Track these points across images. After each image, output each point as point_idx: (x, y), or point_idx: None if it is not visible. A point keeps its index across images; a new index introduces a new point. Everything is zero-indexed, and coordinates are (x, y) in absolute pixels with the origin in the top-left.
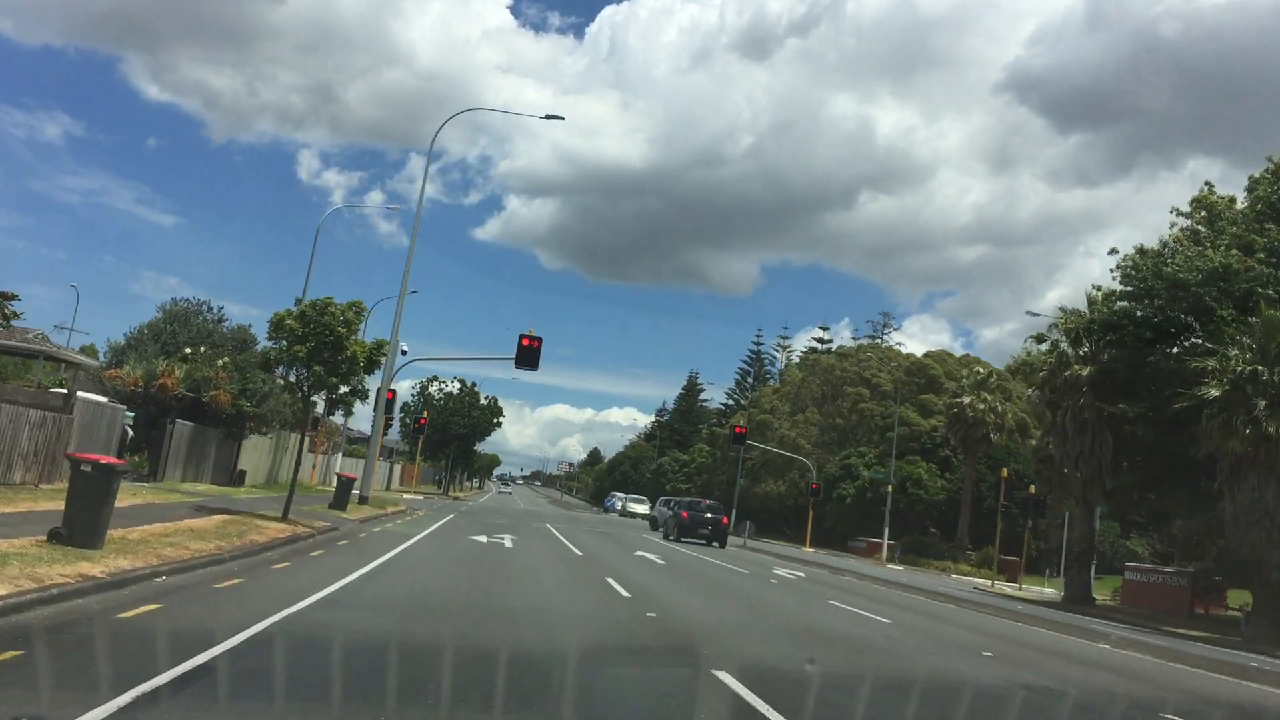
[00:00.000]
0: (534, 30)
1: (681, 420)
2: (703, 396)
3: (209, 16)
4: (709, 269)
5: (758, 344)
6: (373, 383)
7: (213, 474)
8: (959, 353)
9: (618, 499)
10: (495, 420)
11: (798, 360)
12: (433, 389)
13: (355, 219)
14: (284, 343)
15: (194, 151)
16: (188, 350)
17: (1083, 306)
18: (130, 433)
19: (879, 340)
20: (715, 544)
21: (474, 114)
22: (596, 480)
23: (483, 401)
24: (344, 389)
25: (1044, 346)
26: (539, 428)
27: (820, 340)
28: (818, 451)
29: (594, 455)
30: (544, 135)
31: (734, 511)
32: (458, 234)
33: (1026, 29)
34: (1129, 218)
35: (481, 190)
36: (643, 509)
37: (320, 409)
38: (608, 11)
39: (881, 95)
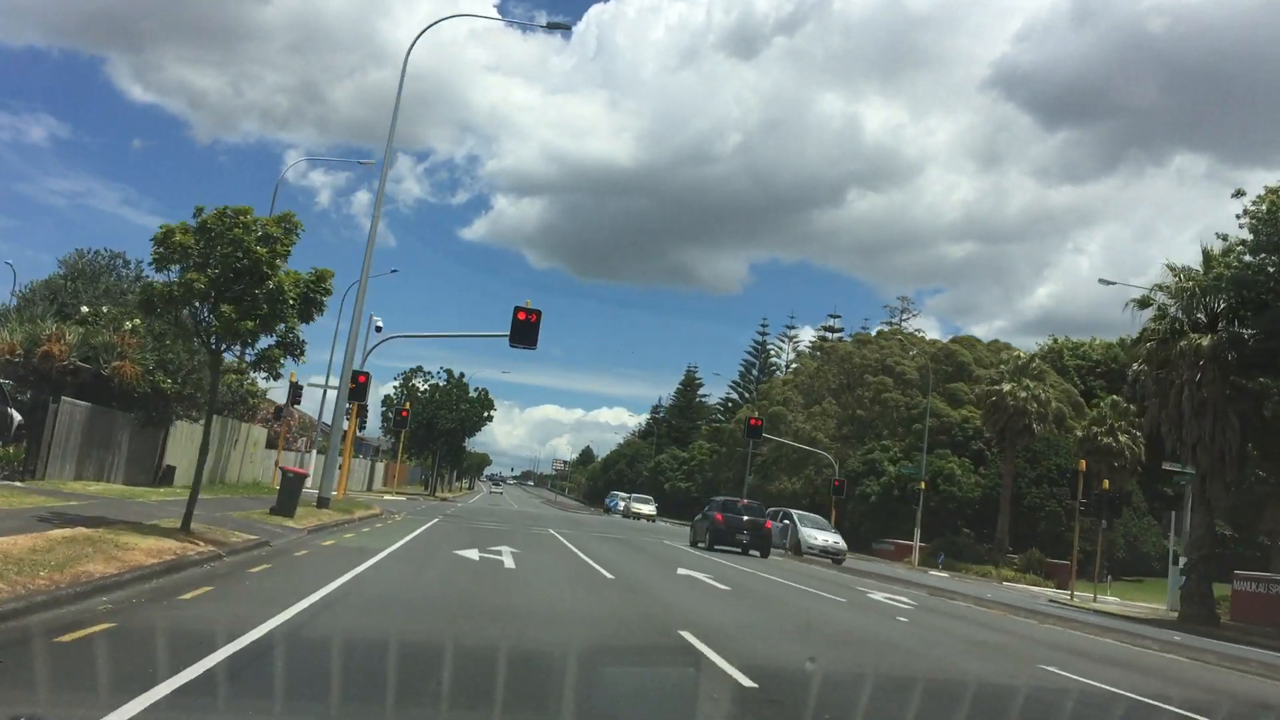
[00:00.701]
0: (522, 30)
1: (680, 416)
2: (702, 391)
3: (194, 17)
4: (698, 268)
5: (763, 334)
6: (321, 341)
7: (127, 471)
8: (986, 339)
9: (620, 499)
10: (486, 414)
11: (808, 349)
12: (417, 381)
13: (342, 220)
14: (176, 270)
15: (179, 152)
16: (85, 310)
17: (1074, 305)
18: (17, 417)
19: (897, 325)
20: (755, 553)
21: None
22: (590, 479)
23: (472, 394)
24: (266, 340)
25: (1149, 312)
26: (528, 428)
27: (829, 330)
28: (837, 445)
29: (586, 454)
30: (532, 134)
31: None
32: (445, 234)
33: (1013, 26)
34: (1117, 214)
35: (469, 190)
36: (648, 509)
37: (272, 389)
38: (595, 10)
39: (869, 93)
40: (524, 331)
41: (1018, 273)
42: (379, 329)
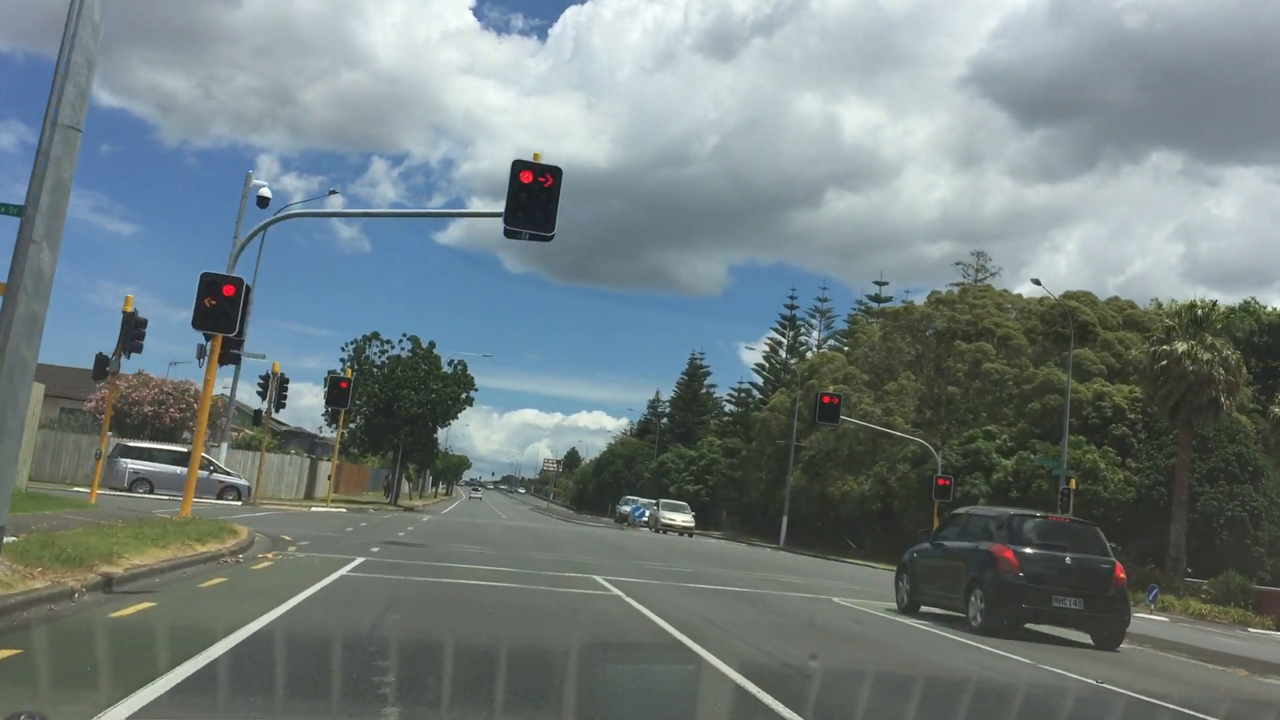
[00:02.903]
0: (496, 32)
1: (684, 410)
2: (709, 382)
3: (160, 19)
4: (676, 270)
5: (791, 307)
6: None
7: None
8: (1103, 295)
9: (642, 505)
10: (464, 395)
11: (862, 314)
12: (371, 352)
13: (313, 224)
14: None
15: (148, 157)
16: None
17: None
18: None
19: (968, 285)
20: (1090, 639)
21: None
22: (579, 483)
23: (446, 369)
24: None
25: None
26: (507, 433)
27: (876, 299)
28: (918, 432)
29: (571, 457)
30: (507, 137)
31: (785, 521)
32: (419, 239)
33: (990, 24)
34: (1093, 213)
35: (445, 193)
36: (683, 519)
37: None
38: (570, 13)
39: (847, 94)
40: (533, 209)
41: (996, 272)
42: (264, 200)
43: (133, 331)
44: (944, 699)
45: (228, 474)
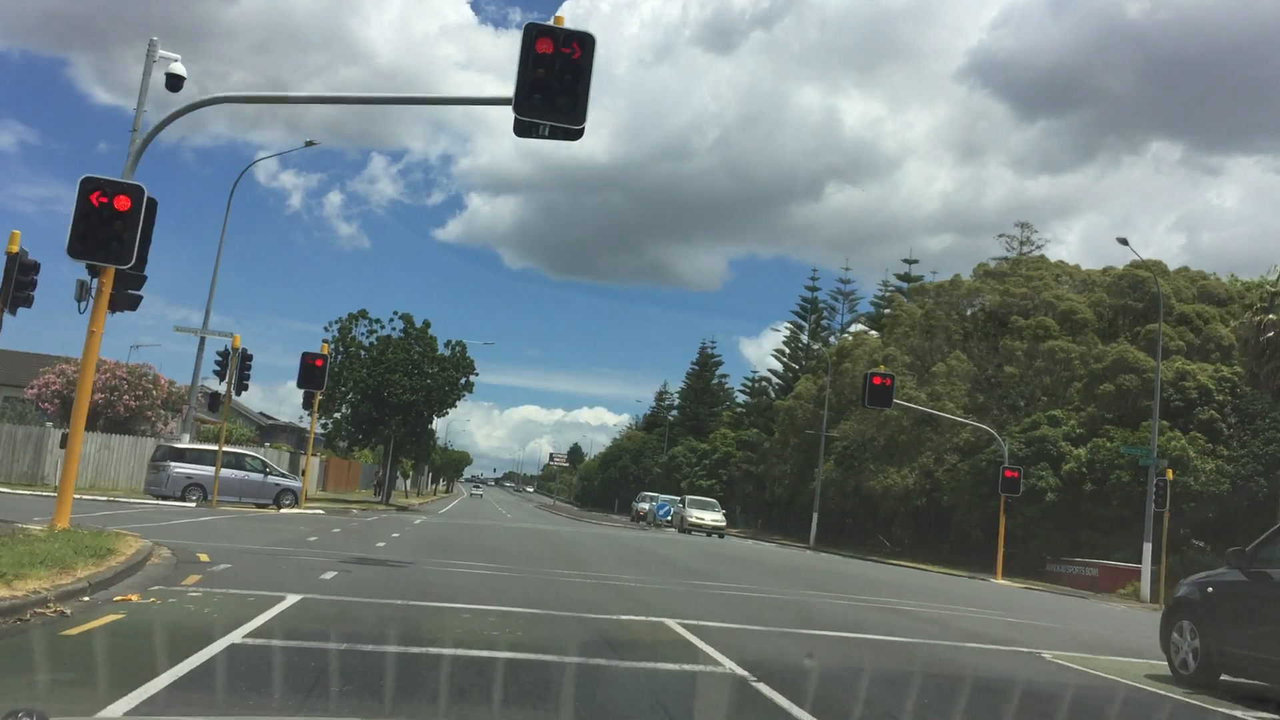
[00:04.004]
0: (494, 26)
1: (695, 402)
2: (720, 372)
3: (157, 15)
4: (676, 264)
5: (813, 289)
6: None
7: None
8: (1171, 264)
9: (665, 502)
10: (464, 380)
11: (894, 293)
12: (358, 331)
13: (314, 222)
14: None
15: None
16: None
17: None
18: None
19: (1016, 259)
20: None
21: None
22: (584, 479)
23: (442, 351)
24: None
25: None
26: (508, 429)
27: (905, 278)
28: (971, 418)
29: (574, 452)
30: (506, 131)
31: (815, 518)
32: (418, 236)
33: (990, 14)
34: (1094, 204)
35: (444, 190)
36: (712, 517)
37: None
38: (568, 6)
39: (847, 87)
40: (554, 87)
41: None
42: (177, 80)
43: (18, 279)
44: None
45: (284, 476)
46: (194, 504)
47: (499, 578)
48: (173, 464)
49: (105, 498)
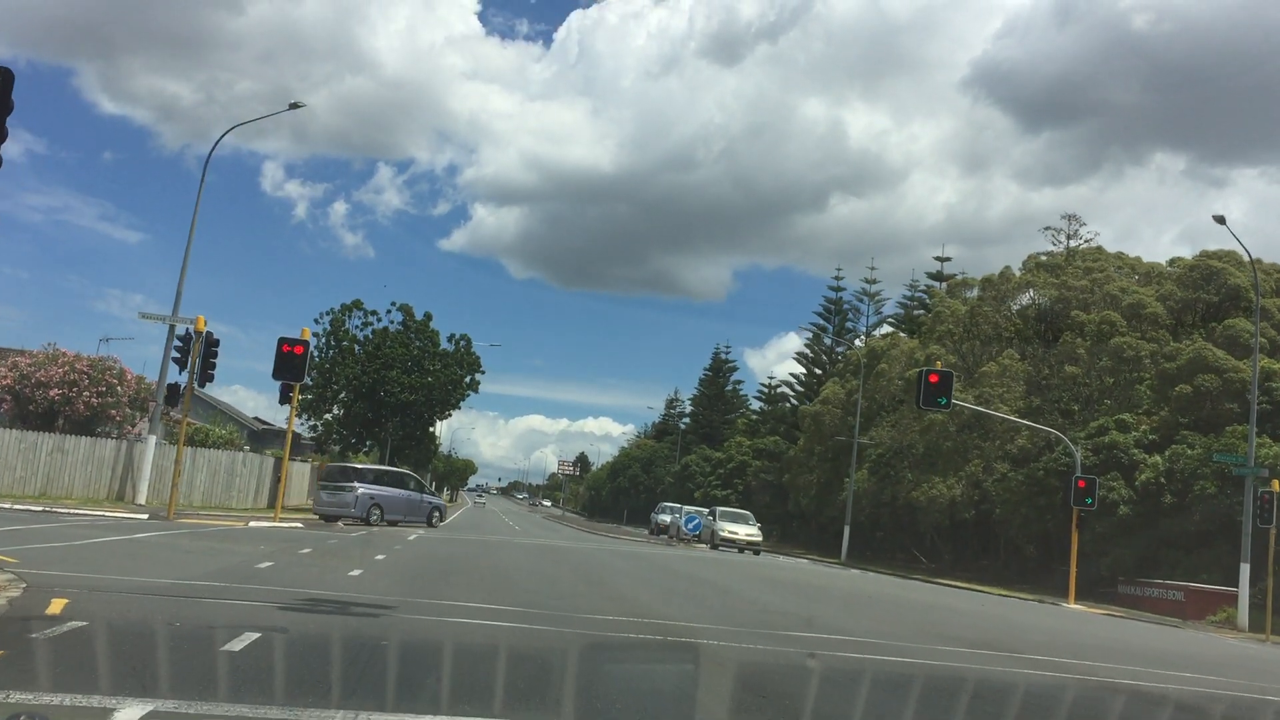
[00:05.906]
0: (501, 37)
1: (708, 409)
2: (735, 378)
3: (162, 25)
4: (681, 274)
5: (837, 289)
6: None
7: None
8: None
9: (695, 514)
10: (469, 378)
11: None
12: (351, 324)
13: (319, 231)
14: None
15: (152, 165)
16: None
17: None
18: None
19: (1061, 253)
20: None
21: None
22: (591, 489)
23: (445, 346)
24: None
25: None
26: (513, 439)
27: (936, 277)
28: (1025, 423)
29: (581, 461)
30: (511, 142)
31: (847, 531)
32: (424, 245)
33: (993, 25)
34: (1098, 216)
35: (450, 200)
36: (746, 532)
37: None
38: (575, 17)
39: (852, 99)
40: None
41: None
42: None
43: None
44: None
45: (433, 495)
46: (144, 517)
47: (521, 635)
48: (359, 485)
49: (41, 507)
